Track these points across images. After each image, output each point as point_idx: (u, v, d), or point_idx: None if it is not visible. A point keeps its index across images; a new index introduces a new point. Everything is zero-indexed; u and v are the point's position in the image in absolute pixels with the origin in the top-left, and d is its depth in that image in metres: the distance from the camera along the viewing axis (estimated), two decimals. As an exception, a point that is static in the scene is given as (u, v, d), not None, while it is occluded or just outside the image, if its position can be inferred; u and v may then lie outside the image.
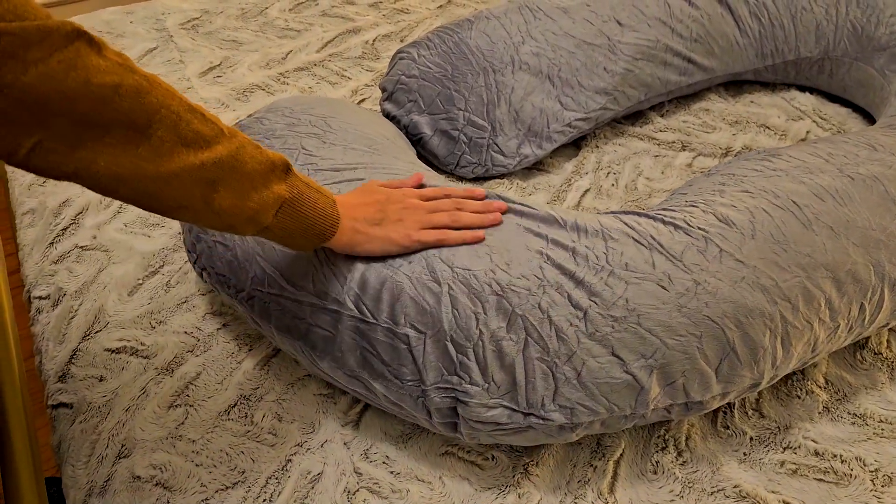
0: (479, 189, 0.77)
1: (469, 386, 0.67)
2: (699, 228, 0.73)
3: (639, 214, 0.77)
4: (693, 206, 0.78)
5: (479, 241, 0.71)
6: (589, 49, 1.09)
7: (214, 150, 0.54)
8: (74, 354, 0.84)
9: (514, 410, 0.67)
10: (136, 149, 0.50)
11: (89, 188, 0.51)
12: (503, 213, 0.75)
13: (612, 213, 0.78)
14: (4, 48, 0.43)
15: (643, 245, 0.71)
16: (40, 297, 0.91)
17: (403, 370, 0.68)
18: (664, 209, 0.80)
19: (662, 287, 0.68)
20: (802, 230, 0.74)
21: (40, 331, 0.88)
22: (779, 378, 0.76)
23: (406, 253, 0.70)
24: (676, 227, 0.74)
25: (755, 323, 0.69)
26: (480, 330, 0.67)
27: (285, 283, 0.72)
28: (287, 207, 0.61)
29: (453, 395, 0.68)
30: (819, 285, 0.72)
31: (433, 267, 0.69)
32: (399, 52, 1.12)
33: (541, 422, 0.68)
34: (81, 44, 0.47)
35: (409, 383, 0.68)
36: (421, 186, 0.78)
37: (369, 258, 0.71)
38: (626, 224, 0.74)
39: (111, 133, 0.49)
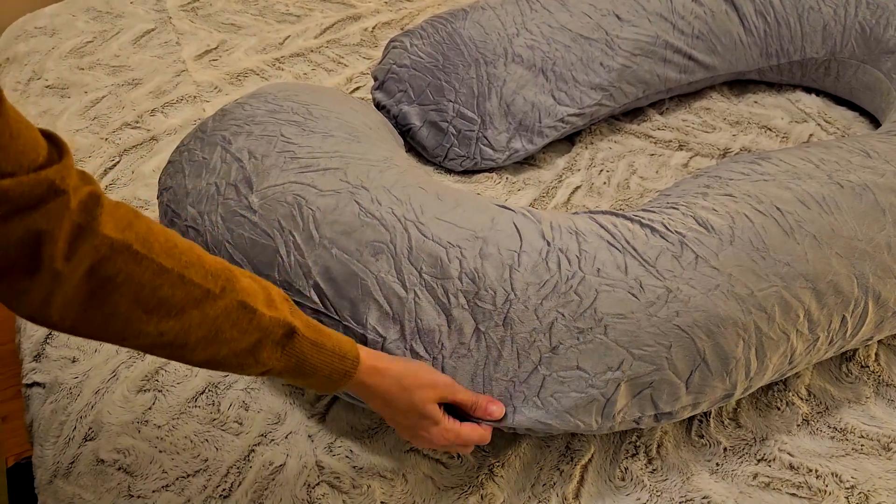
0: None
1: None
2: (676, 232, 0.71)
3: (616, 215, 0.75)
4: (674, 207, 0.76)
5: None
6: (585, 43, 1.07)
7: (184, 318, 0.51)
8: (50, 334, 0.84)
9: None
10: (84, 311, 0.48)
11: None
12: None
13: (590, 212, 0.77)
14: None
15: (617, 249, 0.70)
16: (22, 277, 0.92)
17: None
18: (644, 210, 0.78)
19: (633, 295, 0.67)
20: (784, 238, 0.72)
21: (20, 310, 0.88)
22: (753, 389, 0.74)
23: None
24: (653, 230, 0.72)
25: (727, 333, 0.67)
26: (442, 343, 0.66)
27: (251, 270, 0.72)
28: (273, 374, 0.57)
29: None
30: (797, 296, 0.70)
31: (401, 268, 0.68)
32: (392, 40, 1.11)
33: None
34: (52, 206, 0.44)
35: None
36: None
37: (336, 245, 0.69)
38: (601, 226, 0.72)
39: (60, 288, 0.46)
